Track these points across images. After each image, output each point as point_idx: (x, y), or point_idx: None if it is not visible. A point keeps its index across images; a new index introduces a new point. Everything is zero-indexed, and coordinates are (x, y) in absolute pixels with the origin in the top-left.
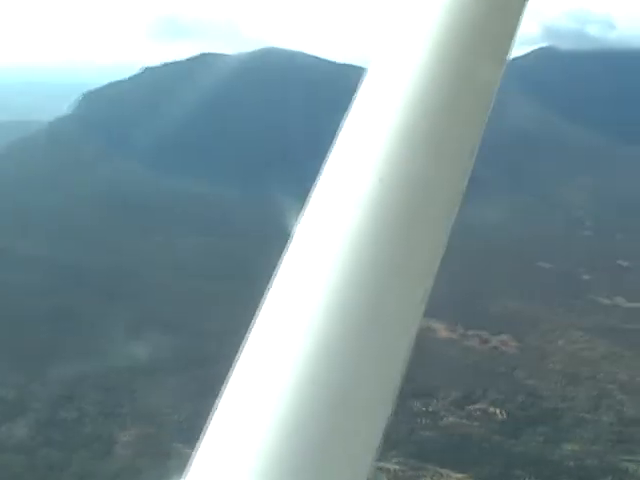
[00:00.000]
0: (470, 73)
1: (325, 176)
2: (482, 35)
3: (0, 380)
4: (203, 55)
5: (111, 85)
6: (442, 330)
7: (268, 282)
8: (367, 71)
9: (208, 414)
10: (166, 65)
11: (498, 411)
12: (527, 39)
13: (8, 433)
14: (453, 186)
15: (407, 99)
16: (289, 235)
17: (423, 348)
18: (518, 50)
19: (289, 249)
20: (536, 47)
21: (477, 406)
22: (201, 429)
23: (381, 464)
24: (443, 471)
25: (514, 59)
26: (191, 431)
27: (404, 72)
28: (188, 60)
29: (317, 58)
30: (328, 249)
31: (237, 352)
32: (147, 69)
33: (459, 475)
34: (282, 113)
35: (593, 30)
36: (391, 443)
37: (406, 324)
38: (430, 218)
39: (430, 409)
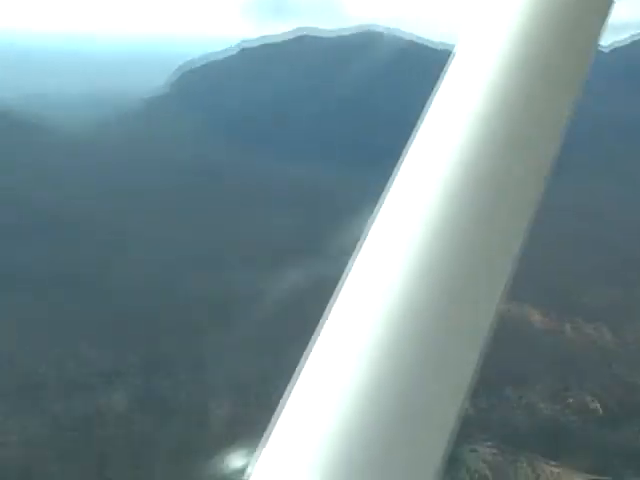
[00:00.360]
0: (557, 62)
1: (407, 160)
2: (570, 23)
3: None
4: (300, 32)
5: (207, 60)
6: (536, 316)
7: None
8: (453, 56)
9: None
10: (263, 43)
11: (594, 402)
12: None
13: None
14: (536, 175)
15: (491, 86)
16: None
17: (516, 334)
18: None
19: (369, 232)
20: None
21: (572, 395)
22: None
23: (475, 448)
24: (537, 459)
25: (616, 49)
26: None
27: (489, 58)
28: (285, 38)
29: (415, 39)
30: (407, 232)
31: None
32: (244, 46)
33: (553, 464)
34: (379, 94)
35: None
36: (485, 428)
37: (482, 321)
38: (511, 206)
39: (524, 396)
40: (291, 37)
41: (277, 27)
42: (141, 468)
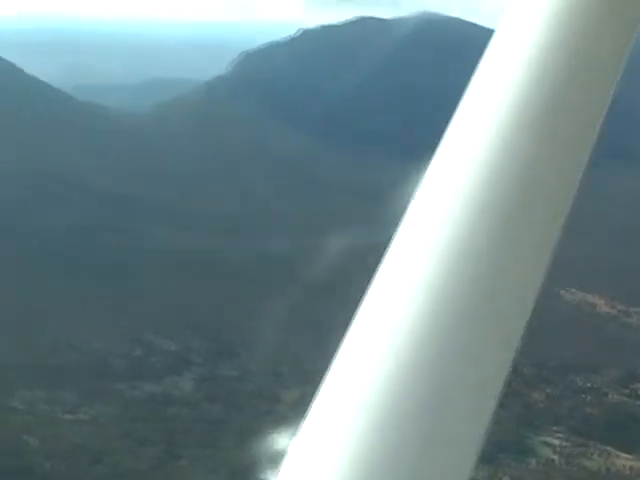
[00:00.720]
0: (597, 37)
1: (449, 135)
2: (612, 6)
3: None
4: (361, 19)
5: (268, 46)
6: (602, 305)
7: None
8: (496, 32)
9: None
10: (324, 28)
11: None
12: None
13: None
14: (577, 151)
15: (532, 62)
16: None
17: (582, 322)
18: None
19: (411, 205)
20: None
21: None
22: None
23: (544, 438)
24: (608, 449)
25: None
26: None
27: (531, 34)
28: (345, 23)
29: (474, 25)
30: (447, 206)
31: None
32: (305, 31)
33: (625, 455)
34: (436, 79)
35: None
36: (555, 418)
37: (519, 312)
38: (552, 181)
39: (593, 386)
40: (351, 25)
41: (338, 16)
42: None
